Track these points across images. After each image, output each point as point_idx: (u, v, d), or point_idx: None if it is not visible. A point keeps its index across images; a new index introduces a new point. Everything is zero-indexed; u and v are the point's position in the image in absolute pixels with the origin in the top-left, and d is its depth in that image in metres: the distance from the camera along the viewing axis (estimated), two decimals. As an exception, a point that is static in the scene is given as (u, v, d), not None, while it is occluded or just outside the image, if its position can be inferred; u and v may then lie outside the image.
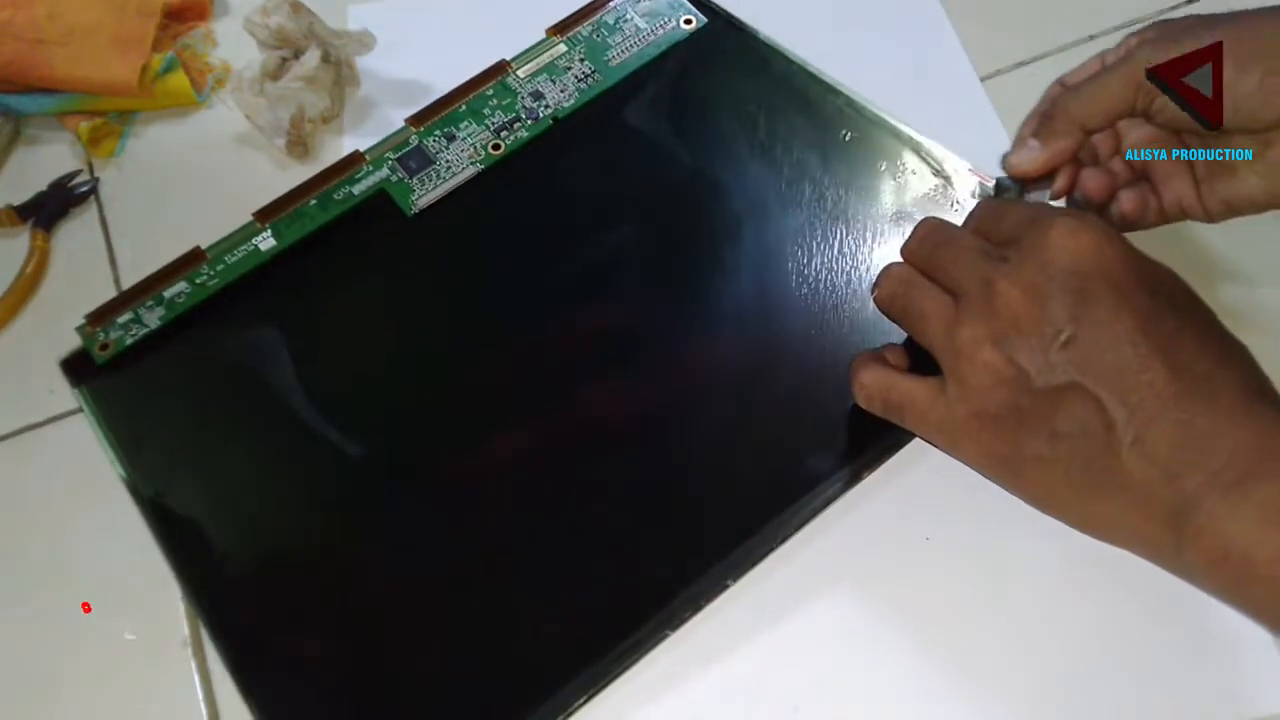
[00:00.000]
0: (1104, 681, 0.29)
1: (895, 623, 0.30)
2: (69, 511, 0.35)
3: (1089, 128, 0.32)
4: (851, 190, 0.38)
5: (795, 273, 0.36)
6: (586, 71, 0.42)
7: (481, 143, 0.40)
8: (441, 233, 0.38)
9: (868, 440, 0.32)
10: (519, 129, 0.41)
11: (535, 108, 0.41)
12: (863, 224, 0.37)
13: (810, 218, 0.37)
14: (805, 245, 0.36)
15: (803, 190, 0.38)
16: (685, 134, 0.40)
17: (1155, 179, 0.34)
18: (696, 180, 0.39)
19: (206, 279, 0.38)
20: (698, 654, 0.30)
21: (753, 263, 0.36)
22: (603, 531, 0.32)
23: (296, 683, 0.30)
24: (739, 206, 0.38)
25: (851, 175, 0.38)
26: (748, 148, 0.39)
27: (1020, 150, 0.33)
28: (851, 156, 0.38)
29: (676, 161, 0.39)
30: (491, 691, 0.29)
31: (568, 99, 0.41)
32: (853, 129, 0.39)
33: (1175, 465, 0.25)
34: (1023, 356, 0.27)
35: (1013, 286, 0.27)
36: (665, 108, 0.41)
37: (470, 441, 0.34)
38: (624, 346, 0.35)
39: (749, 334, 0.35)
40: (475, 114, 0.41)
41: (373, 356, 0.37)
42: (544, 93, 0.41)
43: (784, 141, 0.39)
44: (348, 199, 0.39)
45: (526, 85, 0.42)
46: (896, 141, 0.38)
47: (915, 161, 0.38)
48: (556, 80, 0.41)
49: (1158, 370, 0.25)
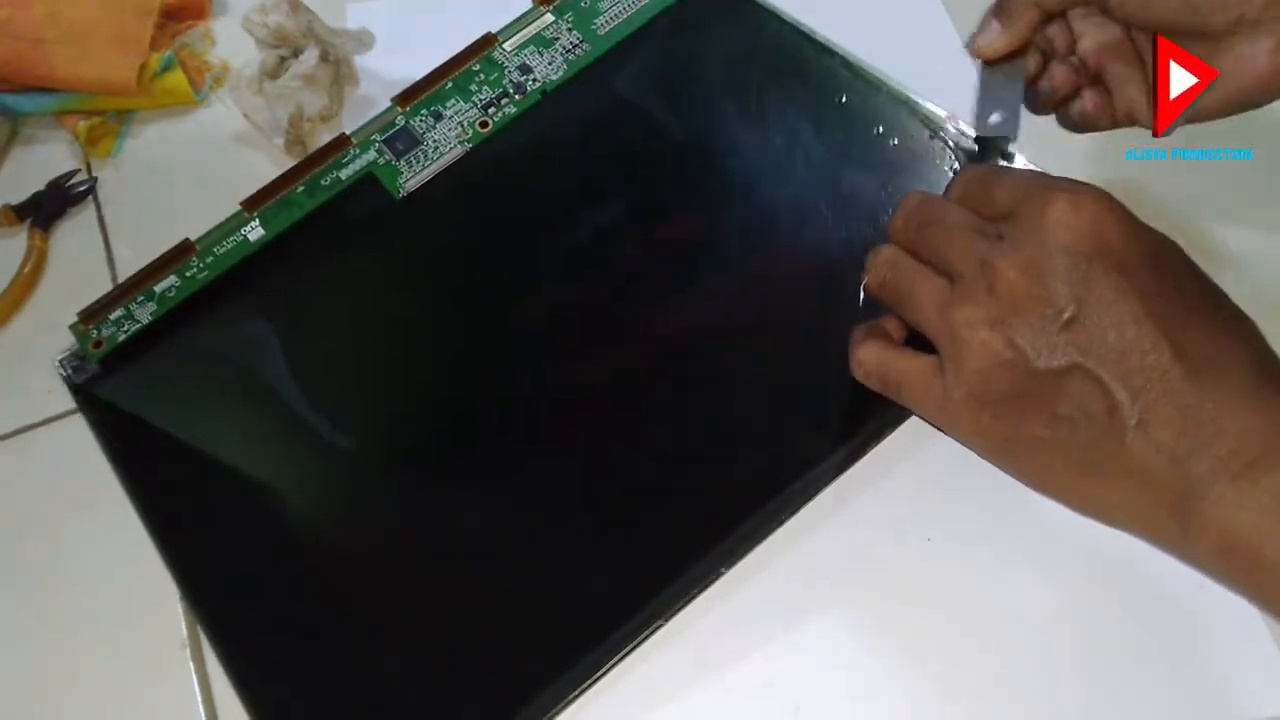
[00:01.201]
0: (1104, 682, 0.29)
1: (896, 623, 0.30)
2: (68, 512, 0.35)
3: (1046, 7, 0.32)
4: (847, 155, 0.37)
5: (790, 243, 0.35)
6: (574, 42, 0.41)
7: (469, 120, 0.40)
8: (431, 215, 0.38)
9: (862, 419, 0.31)
10: (507, 105, 0.40)
11: (523, 81, 0.40)
12: (859, 189, 0.36)
13: (805, 184, 0.36)
14: (800, 213, 0.36)
15: (797, 156, 0.37)
16: (677, 103, 0.39)
17: (1109, 82, 0.33)
18: (689, 150, 0.38)
19: (196, 271, 0.38)
20: (698, 654, 0.30)
21: (747, 234, 0.36)
22: (594, 520, 0.31)
23: (294, 683, 0.30)
24: (733, 176, 0.37)
25: (847, 139, 0.37)
26: (741, 114, 0.38)
27: (983, 32, 0.32)
28: (847, 119, 0.37)
29: (669, 131, 0.38)
30: (487, 687, 0.29)
31: (556, 71, 0.40)
32: (848, 91, 0.38)
33: (1181, 449, 0.25)
34: (1022, 338, 0.26)
35: (1011, 267, 0.26)
36: (656, 76, 0.40)
37: (465, 427, 0.33)
38: (616, 325, 0.35)
39: (742, 310, 0.34)
40: (462, 91, 0.40)
41: (365, 344, 0.36)
42: (531, 66, 0.40)
43: (778, 106, 0.38)
44: (335, 184, 0.39)
45: (513, 59, 0.41)
46: (893, 103, 0.37)
47: (913, 123, 0.37)
48: (544, 52, 0.41)
49: (1163, 351, 0.25)
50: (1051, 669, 0.29)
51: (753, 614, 0.30)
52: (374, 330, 0.37)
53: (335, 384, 0.35)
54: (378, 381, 0.35)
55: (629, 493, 0.32)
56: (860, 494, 0.32)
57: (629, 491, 0.32)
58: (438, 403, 0.35)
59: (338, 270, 0.38)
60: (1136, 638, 0.30)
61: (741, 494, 0.31)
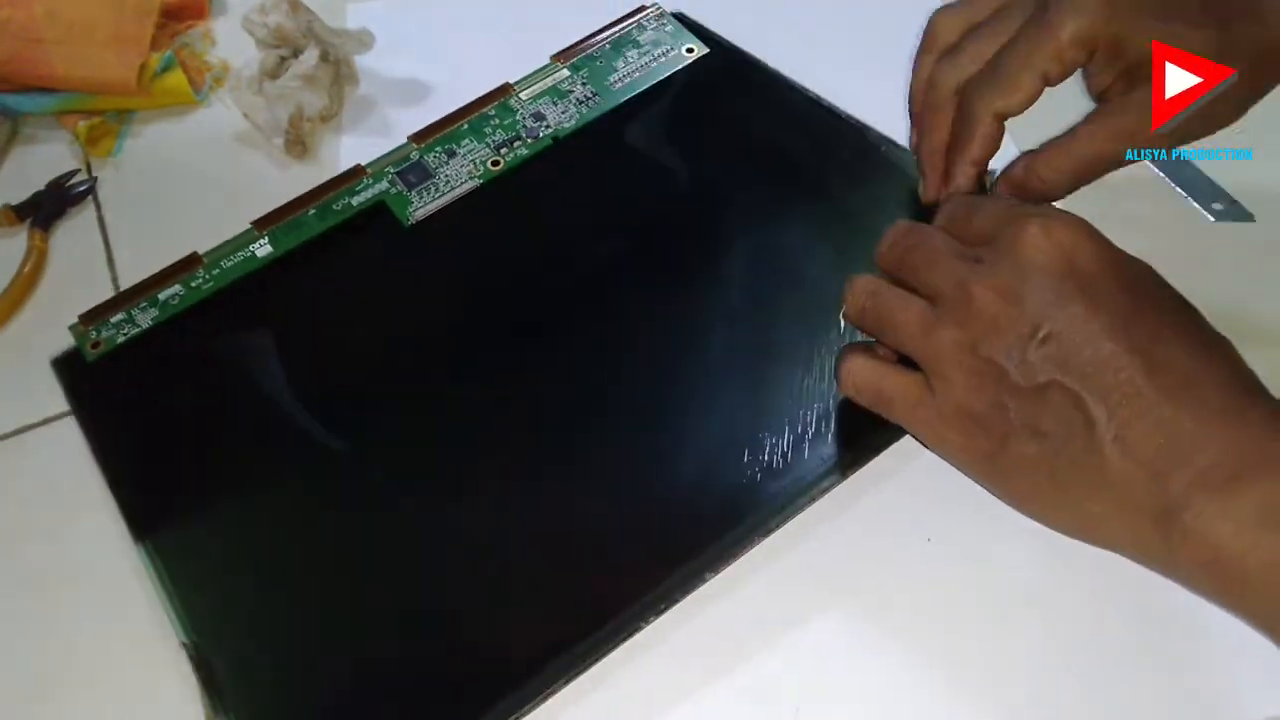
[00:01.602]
0: (1103, 682, 0.29)
1: (896, 623, 0.30)
2: (67, 512, 0.35)
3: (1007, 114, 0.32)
4: (851, 210, 0.38)
5: (791, 296, 0.36)
6: (588, 95, 0.42)
7: (481, 159, 0.41)
8: (437, 244, 0.39)
9: (857, 433, 0.32)
10: (519, 147, 0.41)
11: (536, 127, 0.41)
12: (864, 244, 0.36)
13: (809, 238, 0.37)
14: (803, 268, 0.36)
15: (800, 210, 0.38)
16: (684, 154, 0.40)
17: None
18: (693, 200, 0.39)
19: (201, 282, 0.38)
20: (698, 655, 0.30)
21: (749, 282, 0.36)
22: (582, 529, 0.32)
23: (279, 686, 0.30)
24: (733, 226, 0.38)
25: (851, 195, 0.38)
26: (746, 169, 0.39)
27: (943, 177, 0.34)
28: (853, 177, 0.38)
29: (674, 181, 0.39)
30: (472, 687, 0.29)
31: (568, 120, 0.41)
32: (854, 150, 0.39)
33: (1160, 464, 0.25)
34: (1001, 356, 0.26)
35: (988, 289, 0.27)
36: (664, 129, 0.41)
37: (462, 451, 0.34)
38: (614, 362, 0.35)
39: (742, 355, 0.35)
40: (476, 132, 0.41)
41: (362, 362, 0.36)
42: (545, 114, 0.42)
43: (783, 162, 0.39)
44: (346, 209, 0.40)
45: (528, 106, 0.42)
46: (901, 163, 0.38)
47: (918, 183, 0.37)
48: (558, 103, 0.42)
49: (1136, 368, 0.25)
50: (1052, 669, 0.29)
51: (753, 614, 0.30)
52: (372, 349, 0.37)
53: (329, 399, 0.35)
54: (372, 399, 0.35)
55: (622, 505, 0.32)
56: (861, 494, 0.32)
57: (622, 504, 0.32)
58: (431, 423, 0.35)
59: (341, 290, 0.38)
60: (1137, 638, 0.30)
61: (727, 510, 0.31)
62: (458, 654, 0.30)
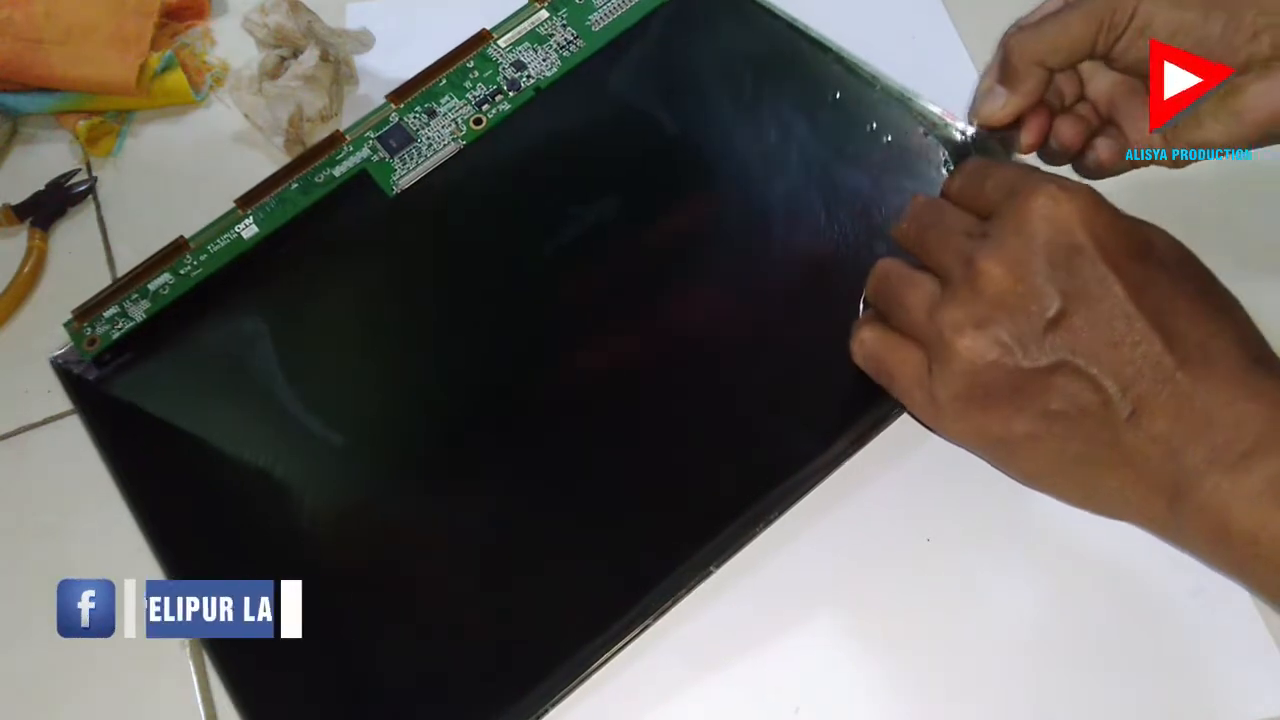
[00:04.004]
0: (1102, 682, 0.29)
1: (896, 623, 0.30)
2: (67, 512, 0.35)
3: (1050, 65, 0.31)
4: (841, 152, 0.36)
5: (783, 241, 0.35)
6: (569, 38, 0.40)
7: (463, 117, 0.39)
8: (424, 212, 0.38)
9: (855, 416, 0.31)
10: (501, 101, 0.40)
11: (517, 78, 0.40)
12: (852, 186, 0.35)
13: (799, 181, 0.36)
14: (794, 212, 0.35)
15: (791, 154, 0.37)
16: (672, 99, 0.39)
17: (1120, 123, 0.33)
18: (684, 147, 0.38)
19: (190, 269, 0.38)
20: (698, 654, 0.30)
21: (741, 231, 0.36)
22: (584, 517, 0.31)
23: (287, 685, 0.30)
24: (727, 173, 0.37)
25: (841, 136, 0.37)
26: (735, 111, 0.38)
27: (987, 100, 0.32)
28: (841, 117, 0.37)
29: (663, 128, 0.38)
30: (477, 686, 0.29)
31: (550, 68, 0.40)
32: (843, 88, 0.38)
33: (1176, 439, 0.25)
34: (1008, 336, 0.26)
35: (995, 265, 0.26)
36: (650, 73, 0.39)
37: (456, 424, 0.33)
38: (610, 322, 0.34)
39: (734, 306, 0.34)
40: (456, 87, 0.40)
41: (359, 341, 0.36)
42: (526, 62, 0.40)
43: (772, 103, 0.38)
44: (329, 181, 0.39)
45: (508, 55, 0.40)
46: (888, 100, 0.37)
47: (908, 121, 0.37)
48: (538, 49, 0.40)
49: (1154, 342, 0.25)
50: (1051, 669, 0.29)
51: (753, 614, 0.30)
52: (368, 327, 0.37)
53: (329, 381, 0.35)
54: (371, 378, 0.35)
55: (622, 489, 0.32)
56: (860, 494, 0.32)
57: (622, 488, 0.32)
58: (429, 400, 0.34)
59: (332, 268, 0.38)
60: (1136, 637, 0.30)
61: (735, 491, 0.31)
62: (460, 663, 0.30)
